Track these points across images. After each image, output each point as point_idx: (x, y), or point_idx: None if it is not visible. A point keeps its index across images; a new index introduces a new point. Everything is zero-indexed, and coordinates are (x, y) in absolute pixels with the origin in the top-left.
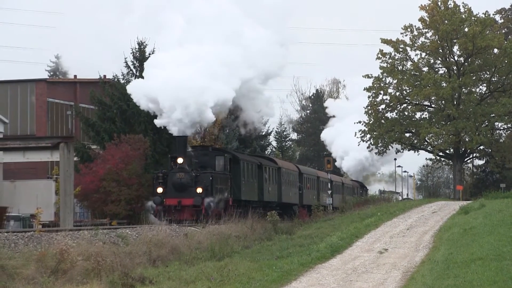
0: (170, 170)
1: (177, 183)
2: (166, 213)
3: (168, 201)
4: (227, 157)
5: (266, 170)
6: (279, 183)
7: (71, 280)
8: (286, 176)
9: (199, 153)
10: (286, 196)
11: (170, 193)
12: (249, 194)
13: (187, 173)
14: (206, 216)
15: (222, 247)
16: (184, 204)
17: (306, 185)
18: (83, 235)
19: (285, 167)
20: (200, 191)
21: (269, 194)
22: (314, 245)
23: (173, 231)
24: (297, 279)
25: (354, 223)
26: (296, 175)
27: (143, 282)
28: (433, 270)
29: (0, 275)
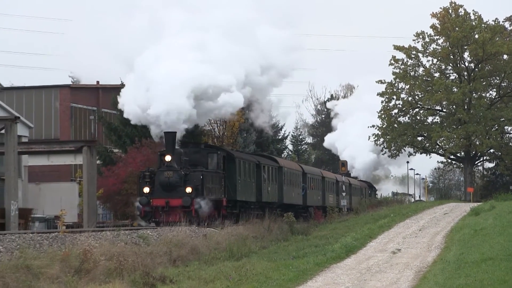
0: (158, 168)
1: (165, 182)
2: (153, 215)
3: (155, 202)
4: (221, 154)
5: (265, 169)
6: (280, 183)
7: (94, 279)
8: (288, 175)
9: (190, 151)
10: (288, 196)
11: (158, 193)
12: (246, 194)
13: (176, 171)
14: (197, 217)
15: (240, 247)
16: (172, 205)
17: (310, 185)
18: (105, 236)
19: (287, 166)
20: (189, 191)
21: (268, 195)
22: (329, 246)
23: (193, 232)
24: (312, 279)
25: (368, 224)
26: (300, 175)
27: (163, 281)
28: (445, 269)
29: (26, 274)
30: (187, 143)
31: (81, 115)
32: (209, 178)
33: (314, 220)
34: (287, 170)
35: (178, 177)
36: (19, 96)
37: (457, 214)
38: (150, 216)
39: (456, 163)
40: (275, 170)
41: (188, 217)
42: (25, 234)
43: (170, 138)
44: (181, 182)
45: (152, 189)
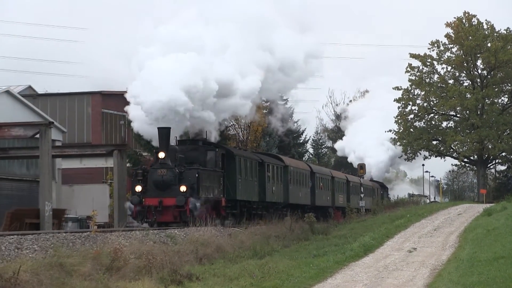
0: (151, 166)
1: (158, 180)
2: (146, 215)
3: (147, 201)
4: (219, 152)
5: (269, 168)
6: (286, 183)
7: (124, 276)
8: (294, 175)
9: (187, 148)
10: (294, 196)
11: (151, 192)
12: (247, 193)
13: (170, 169)
14: (191, 217)
15: (263, 246)
16: (165, 204)
17: (319, 185)
18: (135, 235)
19: (294, 165)
20: (184, 190)
21: (272, 194)
22: (348, 245)
23: (218, 231)
24: (332, 276)
25: (385, 224)
26: (308, 174)
27: (190, 279)
28: (459, 267)
29: (59, 272)
30: (184, 140)
31: (112, 120)
32: (205, 176)
33: (334, 220)
34: (294, 169)
35: (172, 175)
36: (53, 102)
37: (470, 215)
38: (143, 216)
39: (469, 166)
40: (280, 169)
41: (183, 218)
42: (58, 234)
43: (163, 134)
44: (175, 181)
45: (145, 187)
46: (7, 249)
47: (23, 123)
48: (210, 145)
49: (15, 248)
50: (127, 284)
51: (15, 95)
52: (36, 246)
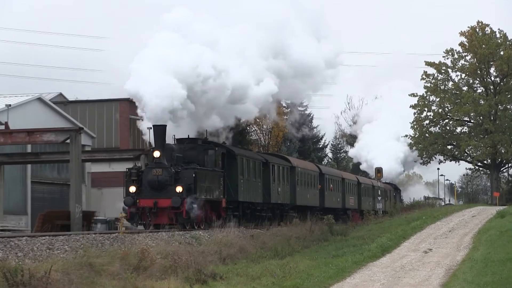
0: (146, 165)
1: (153, 181)
2: (140, 217)
3: (142, 202)
4: (219, 151)
5: (274, 169)
6: (293, 184)
7: (151, 276)
8: (302, 176)
9: (186, 147)
10: (302, 197)
11: (145, 193)
12: (250, 194)
13: (165, 169)
14: (188, 219)
15: (284, 247)
16: (161, 205)
17: (329, 187)
18: (161, 236)
19: (301, 166)
20: (180, 190)
21: (278, 195)
22: (366, 245)
23: (241, 233)
24: (351, 276)
25: (401, 226)
26: (316, 175)
27: (214, 278)
28: (473, 268)
29: (89, 271)
30: (182, 139)
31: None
32: (203, 176)
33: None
34: (301, 170)
35: (168, 175)
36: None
37: (484, 217)
38: (137, 218)
39: (483, 169)
40: (286, 170)
41: (179, 219)
42: (88, 235)
43: (159, 131)
44: (171, 181)
45: (140, 188)
46: (39, 249)
47: (54, 129)
48: (209, 144)
49: (47, 248)
50: (154, 283)
51: (47, 102)
52: (67, 246)
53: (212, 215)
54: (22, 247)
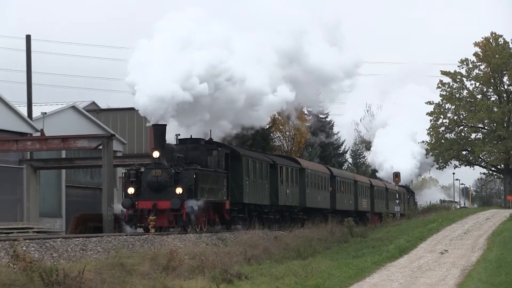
0: (145, 166)
1: (152, 182)
2: (139, 219)
3: (140, 204)
4: (222, 151)
5: (283, 170)
6: (302, 186)
7: (179, 275)
8: (312, 178)
9: (188, 147)
10: (312, 200)
11: (144, 195)
12: (257, 196)
13: (165, 169)
14: (188, 222)
15: (306, 248)
16: (160, 207)
17: (340, 189)
18: (189, 238)
19: (311, 168)
20: (180, 192)
21: (286, 198)
22: (384, 247)
23: (265, 234)
24: (370, 276)
25: (418, 228)
26: (327, 177)
27: (239, 278)
28: (487, 268)
29: (120, 271)
30: (185, 139)
31: None
32: (205, 177)
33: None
34: (311, 172)
35: (168, 176)
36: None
37: (498, 219)
38: (136, 220)
39: (496, 174)
40: (295, 172)
41: (179, 222)
42: (119, 236)
43: (158, 131)
44: (171, 182)
45: (139, 189)
46: (73, 250)
47: (87, 136)
48: (212, 144)
49: (80, 249)
50: (182, 282)
51: (80, 110)
52: (99, 247)
53: (215, 217)
54: (57, 248)
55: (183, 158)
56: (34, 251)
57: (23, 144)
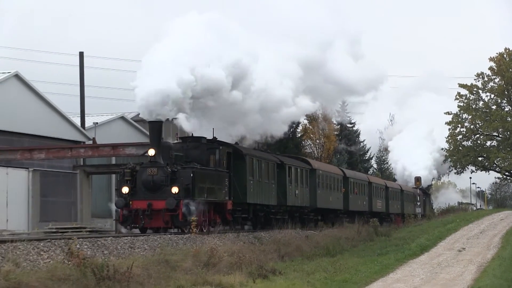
0: (140, 165)
1: (147, 181)
2: (134, 219)
3: (135, 204)
4: (224, 150)
5: (291, 171)
6: (313, 186)
7: (219, 271)
8: (323, 179)
9: (188, 146)
10: (323, 200)
11: (139, 194)
12: (262, 196)
13: (161, 168)
14: (184, 222)
15: (335, 246)
16: (155, 207)
17: (354, 190)
18: (228, 237)
19: (323, 169)
20: (176, 191)
21: (296, 198)
22: (406, 245)
23: (297, 234)
24: (394, 271)
25: (438, 228)
26: (340, 179)
27: (274, 273)
28: (502, 265)
29: (165, 267)
30: (185, 138)
31: None
32: (203, 176)
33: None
34: (323, 173)
35: (164, 175)
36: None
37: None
38: (131, 221)
39: (510, 178)
40: (305, 172)
41: (175, 223)
42: (164, 235)
43: (155, 128)
44: (167, 181)
45: (134, 189)
46: (122, 248)
47: (135, 144)
48: (213, 143)
49: (129, 247)
50: (221, 277)
51: (128, 120)
52: (146, 245)
53: (216, 218)
54: (107, 246)
55: (182, 157)
56: (87, 248)
57: (77, 151)
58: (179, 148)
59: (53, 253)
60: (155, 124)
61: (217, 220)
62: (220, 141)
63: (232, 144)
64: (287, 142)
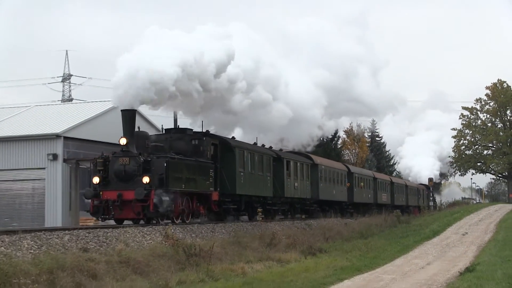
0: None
1: (119, 171)
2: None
3: (105, 195)
4: (208, 141)
5: (290, 164)
6: (315, 180)
7: (279, 250)
8: (326, 173)
9: (173, 137)
10: (326, 193)
11: (111, 184)
12: (255, 188)
13: (133, 157)
14: (157, 213)
15: (367, 231)
16: (125, 198)
17: (359, 184)
18: (285, 223)
19: (326, 164)
20: (146, 181)
21: (295, 190)
22: (422, 230)
23: (338, 221)
24: (413, 250)
25: (446, 217)
26: (344, 174)
27: (320, 251)
28: (496, 245)
29: (238, 247)
30: (170, 129)
31: None
32: (180, 166)
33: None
34: (325, 168)
35: (136, 165)
36: None
37: (504, 211)
38: (101, 212)
39: (502, 179)
40: (307, 167)
41: (147, 214)
42: (237, 223)
43: (127, 117)
44: (139, 171)
45: (107, 179)
46: (206, 232)
47: None
48: (197, 134)
49: (211, 231)
50: (280, 255)
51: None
52: (224, 230)
53: (200, 209)
54: (194, 231)
55: (162, 147)
56: (179, 232)
57: None
58: (163, 139)
59: (154, 236)
60: (128, 112)
61: (201, 211)
62: (209, 133)
63: (220, 136)
64: (330, 151)
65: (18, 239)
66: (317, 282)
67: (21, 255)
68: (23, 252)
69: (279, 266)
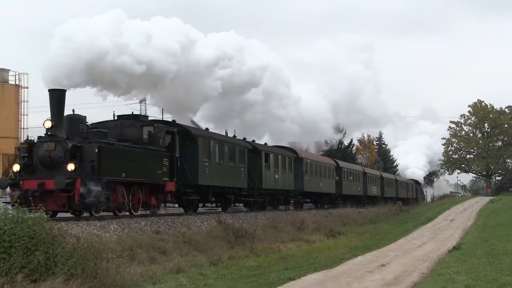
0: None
1: (44, 157)
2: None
3: (26, 184)
4: (162, 128)
5: (269, 157)
6: (300, 172)
7: (306, 233)
8: (312, 167)
9: (123, 123)
10: (311, 185)
11: (36, 173)
12: (224, 179)
13: (59, 142)
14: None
15: (376, 218)
16: (47, 187)
17: (348, 178)
18: (312, 212)
19: (311, 158)
20: (72, 169)
21: (275, 182)
22: (418, 217)
23: (353, 210)
24: (412, 233)
25: (437, 207)
26: (332, 168)
27: (339, 234)
28: (477, 229)
29: (275, 230)
30: (121, 115)
31: None
32: (118, 153)
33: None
34: (311, 162)
35: (62, 150)
36: None
37: (483, 202)
38: (23, 203)
39: (481, 177)
40: (289, 160)
41: (72, 205)
42: (275, 211)
43: (55, 97)
44: (66, 157)
45: (31, 166)
46: (250, 218)
47: None
48: (149, 120)
49: (254, 218)
50: (308, 236)
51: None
52: (264, 217)
53: (151, 200)
54: (241, 217)
55: (103, 133)
56: (229, 219)
57: None
58: (111, 126)
59: (210, 221)
60: (56, 92)
61: (153, 202)
62: (161, 119)
63: (180, 124)
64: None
65: (106, 223)
66: (336, 258)
67: (109, 236)
68: (110, 234)
69: (307, 245)
